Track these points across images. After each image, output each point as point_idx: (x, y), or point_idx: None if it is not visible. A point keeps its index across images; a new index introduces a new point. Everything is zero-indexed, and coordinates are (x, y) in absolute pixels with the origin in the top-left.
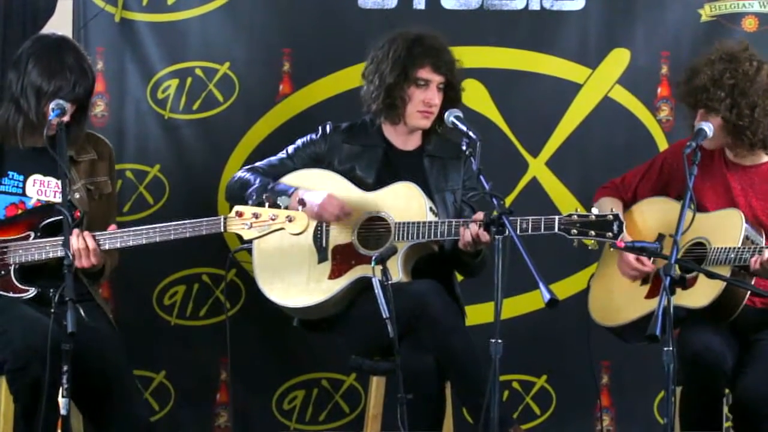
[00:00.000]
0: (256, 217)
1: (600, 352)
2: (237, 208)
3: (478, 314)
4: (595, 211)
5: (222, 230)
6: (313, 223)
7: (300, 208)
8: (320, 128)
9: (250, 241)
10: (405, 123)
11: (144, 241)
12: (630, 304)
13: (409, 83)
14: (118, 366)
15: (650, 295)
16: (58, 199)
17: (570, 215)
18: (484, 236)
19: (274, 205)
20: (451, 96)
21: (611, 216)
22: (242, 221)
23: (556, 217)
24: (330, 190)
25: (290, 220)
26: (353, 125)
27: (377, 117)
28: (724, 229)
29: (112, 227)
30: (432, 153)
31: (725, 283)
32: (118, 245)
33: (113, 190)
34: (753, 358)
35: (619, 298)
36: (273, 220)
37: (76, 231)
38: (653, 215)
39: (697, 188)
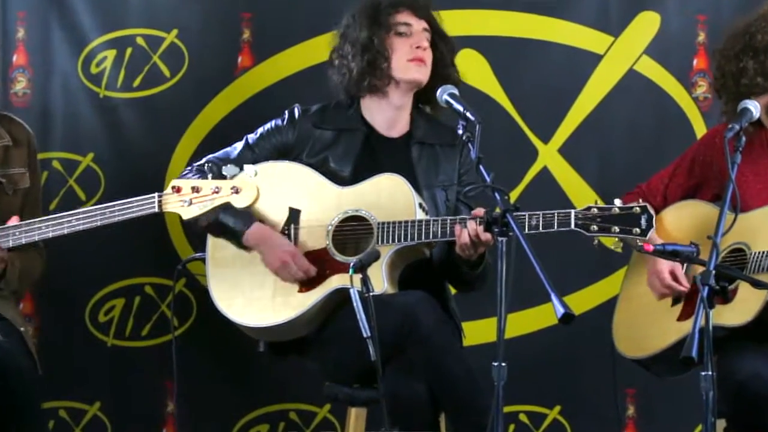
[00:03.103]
0: (197, 191)
1: (625, 379)
2: (174, 182)
3: (477, 333)
4: (618, 202)
5: (157, 210)
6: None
7: (253, 174)
8: (287, 113)
9: (193, 223)
10: (396, 83)
11: (66, 232)
12: (659, 329)
13: (388, 32)
14: (23, 397)
15: (683, 317)
16: None
17: (588, 208)
18: (485, 236)
19: (219, 176)
20: (442, 49)
21: (638, 208)
22: (180, 198)
23: (572, 211)
24: (298, 186)
25: (236, 192)
26: (326, 106)
27: (360, 89)
28: (766, 229)
29: (14, 219)
30: (422, 140)
31: None
32: (35, 238)
33: (34, 184)
34: None
35: (646, 324)
36: (216, 192)
37: None
38: (684, 222)
39: (739, 180)
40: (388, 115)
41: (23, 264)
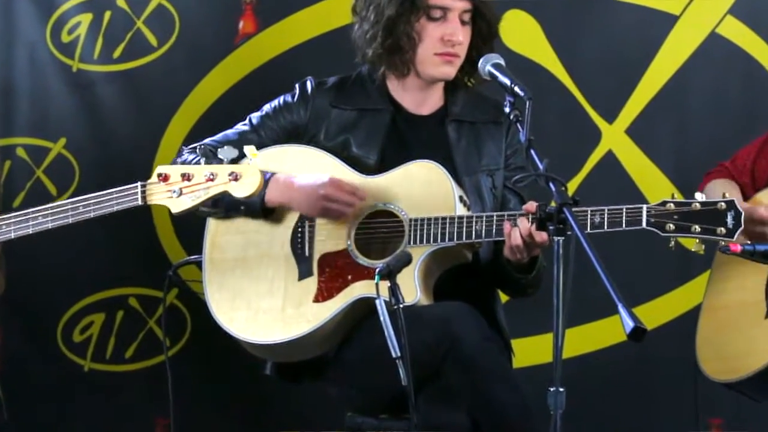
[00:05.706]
0: (188, 179)
1: (708, 406)
2: (160, 169)
3: (530, 351)
4: (699, 196)
5: (140, 202)
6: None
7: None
8: (298, 87)
9: (184, 213)
10: (417, 73)
11: (31, 231)
12: (753, 345)
13: (418, 14)
14: None
15: None
16: None
17: (664, 203)
18: (540, 236)
19: (214, 159)
20: (483, 30)
21: (723, 203)
22: (168, 187)
23: (644, 207)
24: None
25: (235, 178)
26: (344, 81)
27: (377, 67)
28: None
29: None
30: (459, 117)
31: None
32: None
33: None
34: None
35: (736, 339)
36: (211, 180)
37: None
38: None
39: None
40: (416, 92)
41: None
